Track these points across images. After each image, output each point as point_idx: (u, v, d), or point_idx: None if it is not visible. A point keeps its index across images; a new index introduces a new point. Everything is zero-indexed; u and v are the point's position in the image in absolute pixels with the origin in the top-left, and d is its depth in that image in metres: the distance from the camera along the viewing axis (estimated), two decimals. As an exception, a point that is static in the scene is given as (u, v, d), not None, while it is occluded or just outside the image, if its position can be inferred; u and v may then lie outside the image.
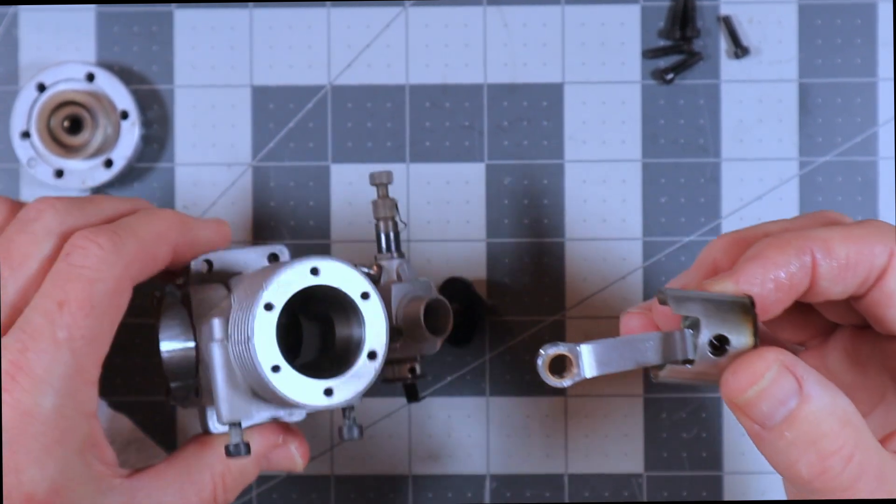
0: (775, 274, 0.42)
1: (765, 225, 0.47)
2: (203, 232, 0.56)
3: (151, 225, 0.52)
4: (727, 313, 0.41)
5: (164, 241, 0.52)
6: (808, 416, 0.40)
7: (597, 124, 0.68)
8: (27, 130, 0.66)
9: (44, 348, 0.46)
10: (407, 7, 0.68)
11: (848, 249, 0.42)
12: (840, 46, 0.68)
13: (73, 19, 0.68)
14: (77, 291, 0.47)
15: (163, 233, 0.52)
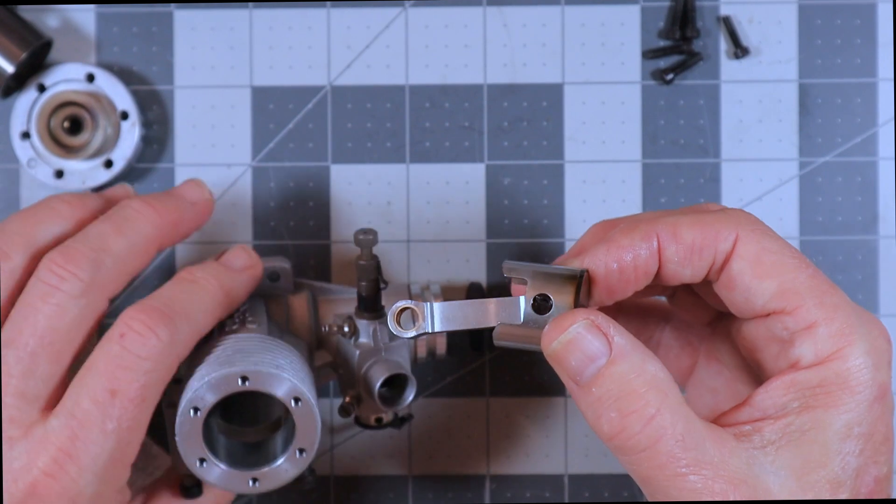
0: (619, 256, 0.45)
1: (641, 214, 0.50)
2: (242, 291, 0.56)
3: (201, 303, 0.52)
4: (555, 280, 0.44)
5: (212, 320, 0.53)
6: (615, 374, 0.42)
7: (597, 125, 0.68)
8: (27, 131, 0.66)
9: (93, 439, 0.47)
10: (407, 7, 0.68)
11: (694, 234, 0.44)
12: (840, 47, 0.68)
13: (72, 20, 0.68)
14: (131, 382, 0.48)
15: (211, 311, 0.52)
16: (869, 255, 0.68)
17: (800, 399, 0.42)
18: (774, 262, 0.44)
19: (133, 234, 0.52)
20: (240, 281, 0.55)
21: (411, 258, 0.68)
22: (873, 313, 0.68)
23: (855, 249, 0.68)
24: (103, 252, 0.50)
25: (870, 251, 0.68)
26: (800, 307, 0.43)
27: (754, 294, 0.44)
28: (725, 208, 0.47)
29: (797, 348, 0.43)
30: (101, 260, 0.49)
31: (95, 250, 0.50)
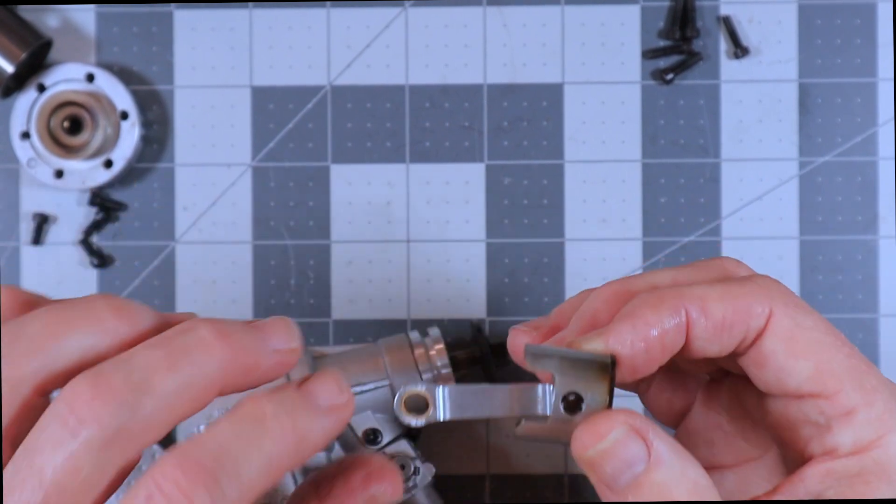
0: (646, 333, 0.41)
1: (651, 275, 0.46)
2: (320, 440, 0.40)
3: (263, 456, 0.38)
4: (585, 371, 0.40)
5: (273, 479, 0.39)
6: (655, 483, 0.39)
7: (596, 124, 0.68)
8: (27, 131, 0.66)
9: None
10: (407, 7, 0.68)
11: (724, 309, 0.41)
12: (840, 46, 0.68)
13: (72, 20, 0.68)
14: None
15: (275, 466, 0.38)
16: (869, 255, 0.68)
17: (836, 486, 0.40)
18: (810, 340, 0.41)
19: (190, 370, 0.38)
20: (321, 426, 0.40)
21: (411, 258, 0.68)
22: (873, 313, 0.68)
23: (855, 249, 0.68)
24: (145, 391, 0.37)
25: (870, 251, 0.68)
26: (839, 392, 0.41)
27: (788, 374, 0.41)
28: (754, 275, 0.44)
29: (835, 435, 0.41)
30: (140, 402, 0.37)
31: (135, 387, 0.37)
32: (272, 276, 0.68)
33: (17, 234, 0.68)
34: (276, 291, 0.68)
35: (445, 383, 0.41)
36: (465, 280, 0.68)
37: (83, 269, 0.68)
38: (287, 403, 0.39)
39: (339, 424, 0.41)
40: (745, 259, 0.68)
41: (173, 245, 0.68)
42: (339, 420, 0.41)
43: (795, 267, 0.68)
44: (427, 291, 0.68)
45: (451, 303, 0.68)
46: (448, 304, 0.68)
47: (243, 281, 0.68)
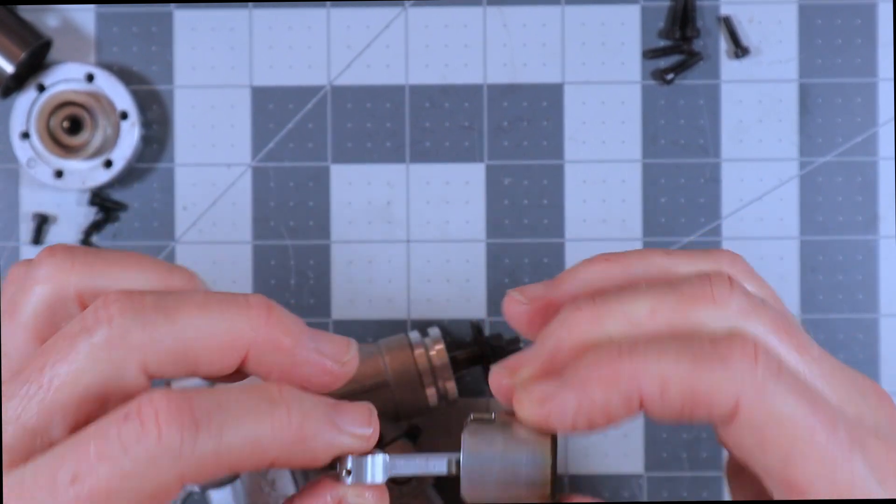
0: (590, 411, 0.38)
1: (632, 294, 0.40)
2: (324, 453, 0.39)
3: (256, 431, 0.36)
4: (525, 447, 0.39)
5: (258, 460, 0.37)
6: None
7: (597, 124, 0.68)
8: (27, 131, 0.66)
9: None
10: (407, 7, 0.68)
11: (683, 394, 0.37)
12: (840, 46, 0.68)
13: (72, 20, 0.68)
14: (99, 477, 0.35)
15: (263, 447, 0.36)
16: (869, 255, 0.68)
17: None
18: (783, 433, 0.37)
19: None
20: (328, 440, 0.38)
21: (411, 258, 0.68)
22: (873, 313, 0.68)
23: (855, 249, 0.68)
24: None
25: (870, 251, 0.68)
26: (809, 486, 0.38)
27: (756, 460, 0.38)
28: (732, 338, 0.38)
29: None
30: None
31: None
32: (272, 276, 0.68)
33: (16, 234, 0.68)
34: (276, 291, 0.68)
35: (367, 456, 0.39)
36: (465, 280, 0.68)
37: (83, 269, 0.68)
38: (307, 403, 0.38)
39: (349, 450, 0.39)
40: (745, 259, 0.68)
41: (173, 245, 0.68)
42: (351, 447, 0.39)
43: (796, 267, 0.68)
44: (427, 291, 0.68)
45: (451, 303, 0.68)
46: (448, 304, 0.68)
47: (243, 281, 0.68)
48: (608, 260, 0.42)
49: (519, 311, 0.42)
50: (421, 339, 0.62)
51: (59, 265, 0.40)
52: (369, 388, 0.60)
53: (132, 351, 0.36)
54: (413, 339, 0.62)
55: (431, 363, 0.61)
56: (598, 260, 0.42)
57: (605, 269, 0.42)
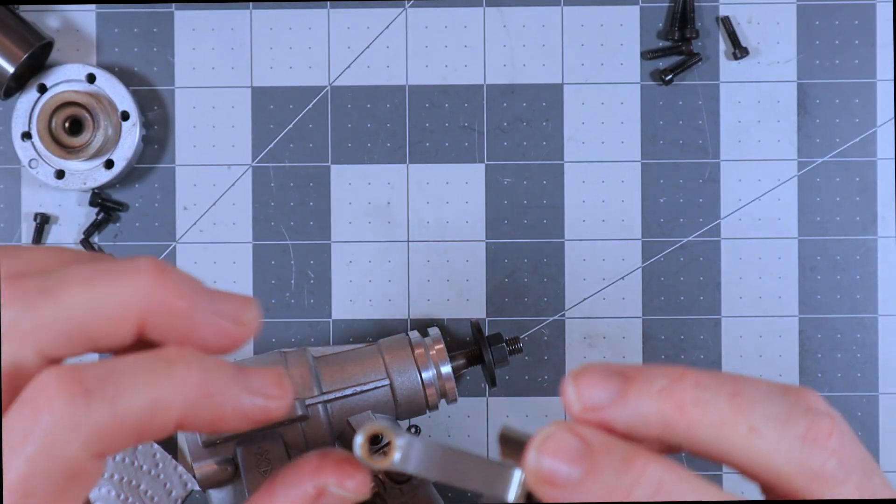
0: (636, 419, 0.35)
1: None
2: (231, 419, 0.36)
3: (152, 396, 0.34)
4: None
5: (161, 426, 0.35)
6: None
7: (596, 125, 0.68)
8: (28, 131, 0.66)
9: None
10: (407, 8, 0.68)
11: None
12: (838, 47, 0.68)
13: (73, 20, 0.68)
14: (9, 469, 0.34)
15: (161, 412, 0.35)
16: (868, 255, 0.68)
17: None
18: None
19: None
20: (234, 396, 0.36)
21: (411, 258, 0.68)
22: (872, 313, 0.68)
23: (854, 249, 0.68)
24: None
25: (868, 251, 0.68)
26: None
27: None
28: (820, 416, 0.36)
29: None
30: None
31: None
32: (272, 276, 0.68)
33: (18, 235, 0.68)
34: (276, 291, 0.68)
35: (417, 437, 0.37)
36: (465, 280, 0.68)
37: (84, 269, 0.68)
38: (209, 362, 0.36)
39: (259, 412, 0.36)
40: (744, 259, 0.68)
41: (174, 245, 0.68)
42: (261, 408, 0.36)
43: (794, 267, 0.68)
44: (427, 291, 0.68)
45: (451, 303, 0.68)
46: (448, 304, 0.68)
47: (244, 281, 0.68)
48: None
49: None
50: (421, 339, 0.63)
51: None
52: (369, 387, 0.60)
53: (24, 338, 0.35)
54: (413, 338, 0.63)
55: (431, 363, 0.62)
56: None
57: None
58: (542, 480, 0.35)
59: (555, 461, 0.34)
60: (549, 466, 0.34)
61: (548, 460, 0.35)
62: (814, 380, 0.68)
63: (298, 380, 0.59)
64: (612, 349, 0.68)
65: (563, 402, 0.36)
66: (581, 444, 0.35)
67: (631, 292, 0.68)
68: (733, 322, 0.68)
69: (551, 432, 0.35)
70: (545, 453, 0.34)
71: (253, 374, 0.36)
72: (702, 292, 0.68)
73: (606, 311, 0.68)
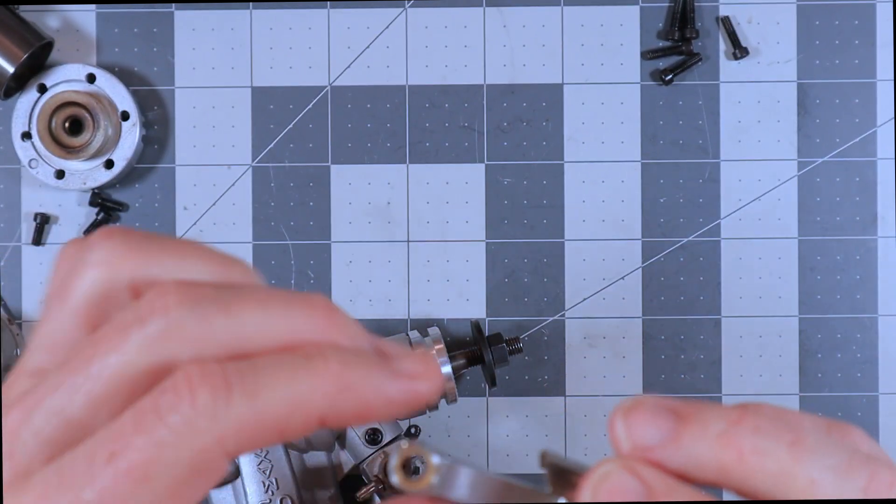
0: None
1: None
2: (385, 396, 0.35)
3: (290, 389, 0.34)
4: None
5: (299, 415, 0.34)
6: None
7: (596, 125, 0.68)
8: (28, 131, 0.66)
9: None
10: (407, 8, 0.68)
11: None
12: (838, 47, 0.68)
13: (73, 20, 0.68)
14: (135, 450, 0.33)
15: (302, 402, 0.34)
16: (867, 255, 0.68)
17: None
18: None
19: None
20: (376, 385, 0.34)
21: (411, 258, 0.68)
22: (872, 313, 0.68)
23: (854, 249, 0.68)
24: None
25: (868, 251, 0.68)
26: None
27: None
28: None
29: None
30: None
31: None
32: (272, 276, 0.68)
33: (18, 234, 0.68)
34: (276, 291, 0.68)
35: (454, 460, 0.34)
36: (465, 280, 0.68)
37: (84, 269, 0.68)
38: (348, 354, 0.34)
39: (406, 396, 0.35)
40: (744, 259, 0.68)
41: (174, 245, 0.68)
42: (408, 392, 0.35)
43: (794, 267, 0.68)
44: (427, 291, 0.68)
45: (451, 303, 0.68)
46: (448, 304, 0.68)
47: (244, 281, 0.68)
48: None
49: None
50: (421, 338, 0.63)
51: (114, 250, 0.37)
52: None
53: (186, 344, 0.35)
54: (413, 338, 0.63)
55: None
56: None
57: None
58: None
59: None
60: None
61: (605, 501, 0.33)
62: (814, 380, 0.68)
63: None
64: (612, 349, 0.68)
65: (611, 439, 0.33)
66: (642, 487, 0.33)
67: (631, 292, 0.68)
68: (733, 322, 0.68)
69: (609, 471, 0.33)
70: (601, 493, 0.33)
71: (396, 357, 0.35)
72: (702, 292, 0.68)
73: (606, 311, 0.68)
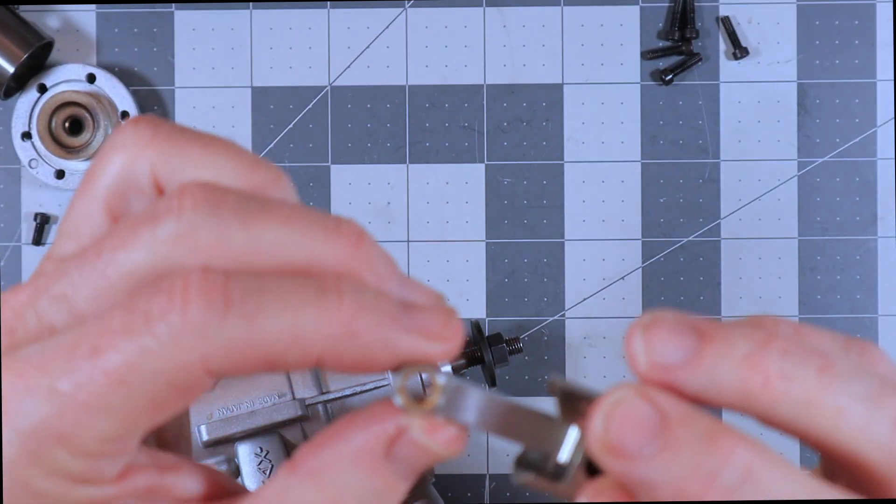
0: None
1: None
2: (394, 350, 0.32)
3: (292, 321, 0.31)
4: None
5: (295, 350, 0.31)
6: None
7: (596, 125, 0.68)
8: (28, 131, 0.66)
9: (35, 389, 0.32)
10: (407, 8, 0.68)
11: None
12: (838, 47, 0.68)
13: (73, 20, 0.68)
14: (118, 351, 0.32)
15: (302, 337, 0.31)
16: (867, 255, 0.68)
17: None
18: None
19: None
20: (385, 337, 0.31)
21: (411, 258, 0.68)
22: (872, 313, 0.68)
23: (853, 249, 0.68)
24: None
25: (868, 251, 0.68)
26: None
27: None
28: None
29: None
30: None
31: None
32: (272, 276, 0.68)
33: (18, 234, 0.68)
34: (276, 291, 0.68)
35: (459, 382, 0.31)
36: (465, 280, 0.68)
37: (84, 268, 0.68)
38: (368, 297, 0.32)
39: (416, 353, 0.32)
40: (744, 259, 0.68)
41: (174, 245, 0.68)
42: (419, 350, 0.32)
43: (794, 267, 0.68)
44: (427, 291, 0.68)
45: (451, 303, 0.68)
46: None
47: (244, 281, 0.68)
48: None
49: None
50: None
51: (138, 135, 0.34)
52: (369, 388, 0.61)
53: (196, 250, 0.32)
54: None
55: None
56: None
57: None
58: (608, 451, 0.30)
59: (626, 432, 0.30)
60: (618, 437, 0.30)
61: (617, 429, 0.30)
62: (814, 380, 0.68)
63: (299, 380, 0.59)
64: (612, 349, 0.68)
65: (628, 356, 0.31)
66: (657, 414, 0.30)
67: (631, 292, 0.68)
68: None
69: (622, 397, 0.30)
70: (615, 421, 0.30)
71: (419, 310, 0.32)
72: (702, 292, 0.68)
73: (606, 311, 0.68)
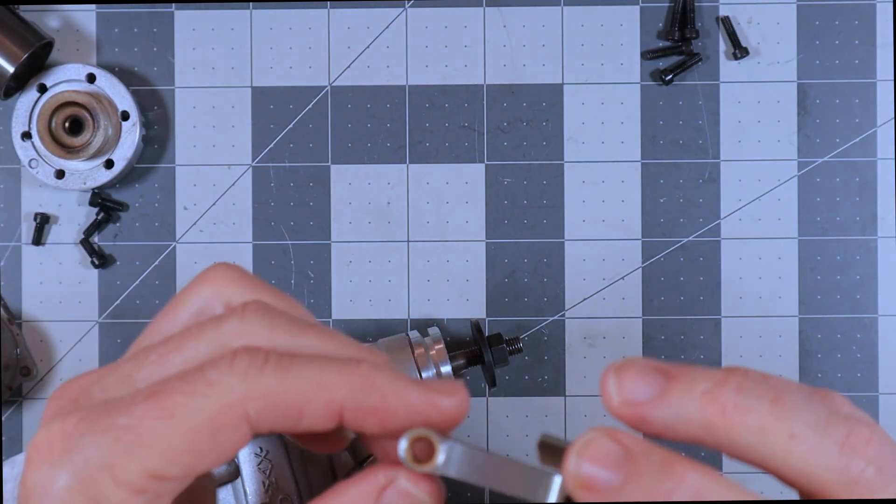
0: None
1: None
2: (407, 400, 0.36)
3: (316, 367, 0.36)
4: None
5: (321, 397, 0.36)
6: None
7: (596, 125, 0.68)
8: (28, 131, 0.66)
9: (94, 424, 0.35)
10: (407, 8, 0.68)
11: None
12: (839, 47, 0.68)
13: (73, 20, 0.68)
14: (173, 392, 0.35)
15: (327, 386, 0.36)
16: (867, 256, 0.68)
17: None
18: None
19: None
20: (404, 392, 0.36)
21: (411, 258, 0.68)
22: (872, 314, 0.68)
23: (854, 249, 0.68)
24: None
25: (868, 251, 0.68)
26: None
27: None
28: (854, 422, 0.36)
29: None
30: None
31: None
32: (272, 276, 0.68)
33: (18, 234, 0.68)
34: (276, 291, 0.68)
35: (457, 443, 0.36)
36: (465, 280, 0.68)
37: (84, 269, 0.68)
38: (381, 365, 0.36)
39: (429, 407, 0.36)
40: (744, 259, 0.68)
41: (174, 245, 0.68)
42: (431, 403, 0.36)
43: (794, 267, 0.68)
44: (427, 291, 0.68)
45: (451, 303, 0.68)
46: (448, 304, 0.68)
47: (244, 281, 0.68)
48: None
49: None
50: (421, 338, 0.63)
51: (227, 276, 0.39)
52: None
53: (249, 341, 0.37)
54: (413, 338, 0.63)
55: (431, 363, 0.62)
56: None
57: None
58: (581, 485, 0.34)
59: (594, 467, 0.35)
60: (588, 472, 0.34)
61: (587, 466, 0.35)
62: (814, 380, 0.68)
63: None
64: (612, 349, 0.68)
65: (602, 394, 0.36)
66: (621, 449, 0.35)
67: (631, 292, 0.68)
68: (733, 322, 0.68)
69: (591, 438, 0.35)
70: (585, 459, 0.35)
71: (427, 381, 0.37)
72: (702, 292, 0.68)
73: (606, 311, 0.68)
